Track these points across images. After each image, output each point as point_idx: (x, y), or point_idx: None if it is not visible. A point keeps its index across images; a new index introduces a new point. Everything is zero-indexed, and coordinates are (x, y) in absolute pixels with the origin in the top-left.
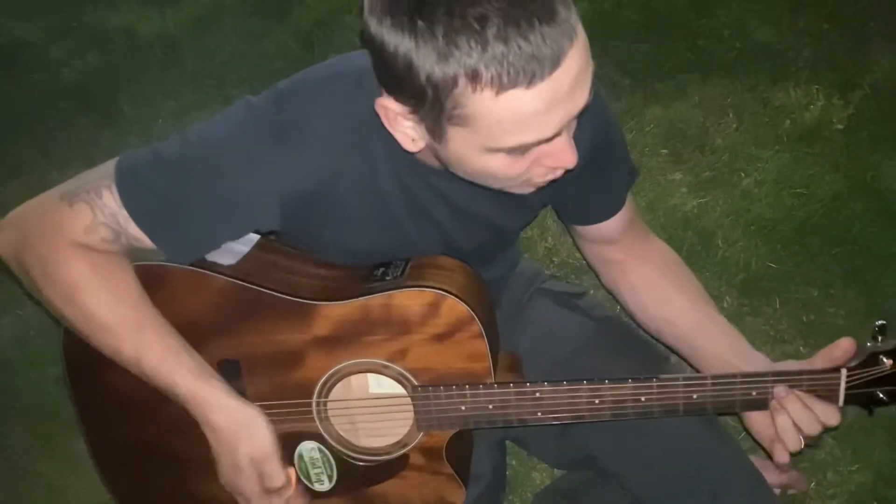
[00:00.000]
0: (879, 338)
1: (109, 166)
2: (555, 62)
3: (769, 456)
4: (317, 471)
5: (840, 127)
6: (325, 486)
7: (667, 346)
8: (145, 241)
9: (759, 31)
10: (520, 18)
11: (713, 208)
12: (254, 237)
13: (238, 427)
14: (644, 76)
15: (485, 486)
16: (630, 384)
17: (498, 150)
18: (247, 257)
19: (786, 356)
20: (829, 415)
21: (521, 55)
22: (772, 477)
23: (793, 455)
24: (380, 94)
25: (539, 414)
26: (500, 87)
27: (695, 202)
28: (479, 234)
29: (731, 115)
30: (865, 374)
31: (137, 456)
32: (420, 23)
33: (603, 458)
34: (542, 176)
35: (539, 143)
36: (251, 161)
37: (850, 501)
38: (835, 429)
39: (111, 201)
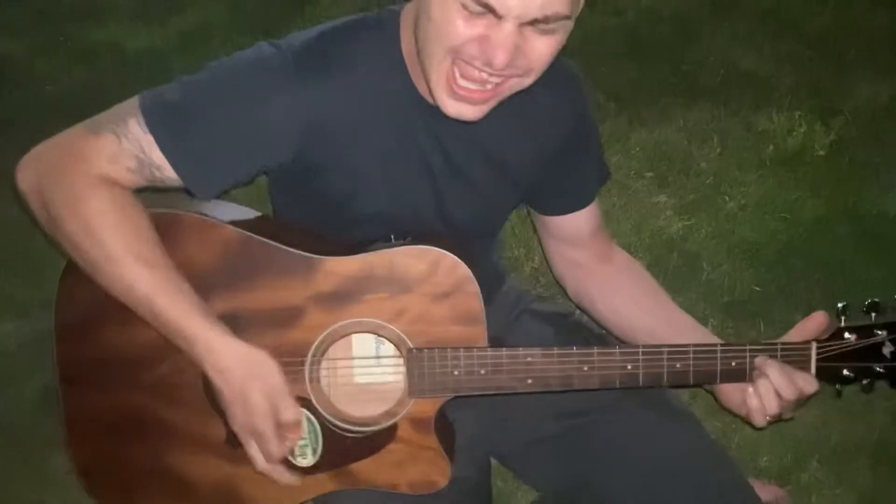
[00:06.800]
0: (842, 317)
1: (135, 98)
2: None
3: (746, 422)
4: (302, 443)
5: (822, 153)
6: (308, 460)
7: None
8: (167, 169)
9: (743, 57)
10: None
11: (698, 231)
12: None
13: (248, 365)
14: (629, 101)
15: (471, 489)
16: (618, 351)
17: None
18: (252, 218)
19: None
20: (806, 381)
21: None
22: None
23: (773, 422)
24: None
25: (529, 381)
26: None
27: (680, 224)
28: (470, 202)
29: (715, 140)
30: (833, 348)
31: (114, 422)
32: None
33: (596, 483)
34: (469, 57)
35: (487, 6)
36: (277, 86)
37: None
38: (811, 397)
39: (136, 127)
